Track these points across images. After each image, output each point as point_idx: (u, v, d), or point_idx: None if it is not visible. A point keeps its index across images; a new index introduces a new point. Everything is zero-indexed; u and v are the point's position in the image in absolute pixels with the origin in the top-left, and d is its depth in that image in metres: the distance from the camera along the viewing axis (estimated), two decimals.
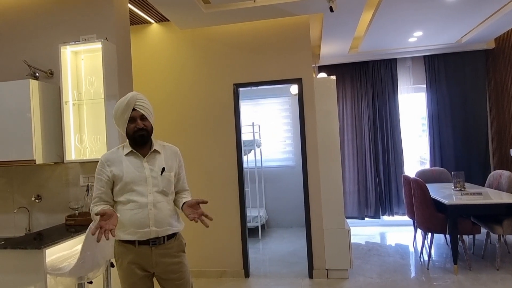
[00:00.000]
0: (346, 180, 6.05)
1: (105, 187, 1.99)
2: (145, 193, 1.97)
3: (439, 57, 5.85)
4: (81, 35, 3.16)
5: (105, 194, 2.00)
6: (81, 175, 3.14)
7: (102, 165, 2.01)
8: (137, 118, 1.99)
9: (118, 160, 2.01)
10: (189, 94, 4.39)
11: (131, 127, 1.99)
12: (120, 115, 1.99)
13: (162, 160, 2.07)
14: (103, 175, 1.99)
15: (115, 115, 2.03)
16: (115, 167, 1.99)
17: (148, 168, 2.01)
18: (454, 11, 4.21)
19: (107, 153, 2.07)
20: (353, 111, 6.09)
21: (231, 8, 3.77)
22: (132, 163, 2.01)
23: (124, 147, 2.06)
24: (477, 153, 5.74)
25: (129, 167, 1.99)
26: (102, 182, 1.99)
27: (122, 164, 2.00)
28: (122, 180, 1.96)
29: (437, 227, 4.07)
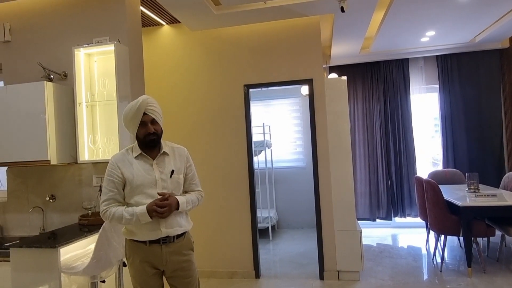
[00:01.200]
0: (358, 181, 6.00)
1: (118, 188, 2.01)
2: (154, 195, 1.99)
3: (452, 57, 5.77)
4: (94, 38, 3.20)
5: (119, 195, 2.02)
6: (94, 175, 3.18)
7: (113, 167, 2.02)
8: (148, 122, 2.02)
9: (128, 162, 2.03)
10: (199, 95, 4.41)
11: (142, 132, 2.01)
12: (130, 119, 2.01)
13: (171, 162, 2.09)
14: (114, 176, 2.00)
15: (125, 118, 2.04)
16: (126, 170, 2.01)
17: (158, 171, 2.03)
18: (468, 10, 4.15)
19: (116, 155, 2.08)
20: (364, 111, 6.04)
21: (241, 9, 3.78)
22: (142, 166, 2.03)
23: (133, 150, 2.08)
24: (491, 154, 5.64)
25: (139, 170, 2.01)
26: (114, 184, 2.00)
27: (132, 167, 2.01)
28: (132, 183, 1.99)
29: (451, 229, 4.01)
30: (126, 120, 2.04)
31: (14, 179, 3.34)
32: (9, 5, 3.40)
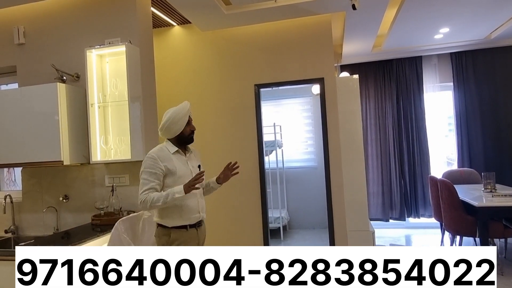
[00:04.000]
0: (370, 181, 5.93)
1: (159, 179, 2.27)
2: None
3: (467, 54, 5.65)
4: (105, 39, 3.22)
5: (159, 186, 2.27)
6: (106, 175, 3.21)
7: (155, 161, 2.27)
8: (191, 122, 2.44)
9: (168, 157, 2.32)
10: (210, 95, 4.41)
11: (187, 129, 2.39)
12: (179, 119, 2.34)
13: (195, 159, 2.49)
14: (157, 169, 2.25)
15: (173, 119, 2.33)
16: (167, 163, 2.29)
17: (190, 165, 2.40)
18: (483, 5, 4.06)
19: (155, 151, 2.33)
20: (376, 110, 5.97)
21: (252, 8, 3.77)
22: (179, 160, 2.36)
23: (168, 147, 2.37)
24: (508, 153, 5.51)
25: (178, 163, 2.33)
26: (157, 175, 2.25)
27: (172, 160, 2.32)
28: (176, 175, 2.29)
29: (466, 230, 3.93)
30: (175, 120, 2.33)
31: (28, 179, 3.38)
32: (23, 8, 3.45)
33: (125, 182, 3.15)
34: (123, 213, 2.94)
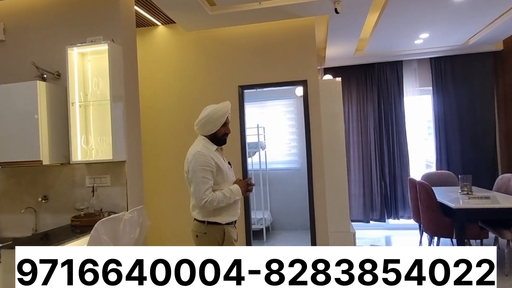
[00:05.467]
0: (352, 182, 6.02)
1: (213, 177, 2.31)
2: (233, 180, 2.46)
3: (446, 59, 5.81)
4: (88, 37, 3.18)
5: (212, 183, 2.31)
6: (87, 176, 3.16)
7: (207, 158, 2.29)
8: (227, 124, 2.46)
9: (214, 154, 2.36)
10: (194, 95, 4.40)
11: (222, 130, 2.42)
12: (216, 119, 2.37)
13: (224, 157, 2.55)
14: (211, 166, 2.29)
15: (211, 117, 2.36)
16: (217, 160, 2.34)
17: (226, 162, 2.47)
18: (462, 12, 4.19)
19: (202, 149, 2.34)
20: (358, 113, 6.06)
21: (236, 10, 3.78)
22: (220, 157, 2.42)
23: (207, 145, 2.39)
24: (484, 157, 5.68)
25: (222, 160, 2.40)
26: (212, 173, 2.29)
27: (218, 158, 2.37)
28: (223, 171, 2.35)
29: (444, 231, 4.03)
30: (212, 118, 2.36)
31: (7, 179, 3.30)
32: (4, 4, 3.37)
33: (106, 183, 3.11)
34: (103, 214, 2.90)
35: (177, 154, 4.42)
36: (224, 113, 2.39)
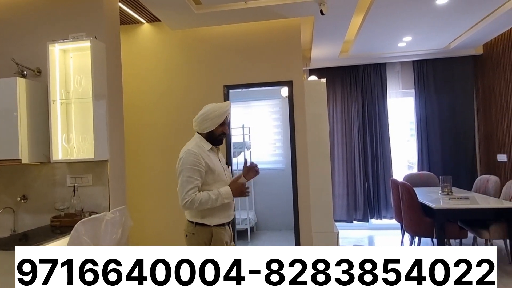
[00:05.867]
0: (336, 183, 6.07)
1: (202, 177, 2.24)
2: (226, 181, 2.37)
3: (428, 62, 5.92)
4: (70, 33, 3.11)
5: (200, 183, 2.24)
6: (68, 175, 3.09)
7: (197, 157, 2.23)
8: (226, 124, 2.38)
9: (206, 154, 2.30)
10: (179, 94, 4.37)
11: (219, 130, 2.35)
12: (214, 117, 2.30)
13: (222, 157, 2.49)
14: (200, 166, 2.22)
15: (209, 115, 2.30)
16: (207, 160, 2.27)
17: (222, 162, 2.42)
18: (443, 16, 4.27)
19: (194, 147, 2.29)
20: (343, 114, 6.12)
21: (222, 9, 3.77)
22: (214, 157, 2.36)
23: (202, 143, 2.34)
24: (464, 158, 5.81)
25: (215, 160, 2.34)
26: (200, 173, 2.22)
27: (210, 157, 2.31)
28: (215, 172, 2.28)
29: (425, 231, 4.10)
30: (209, 116, 2.30)
31: None
32: None
33: (88, 182, 3.05)
34: (84, 215, 2.85)
35: (161, 153, 4.38)
36: (223, 112, 2.33)
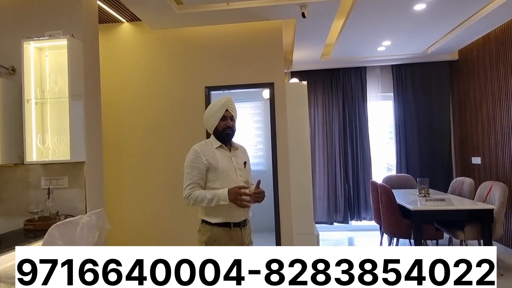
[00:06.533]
0: (316, 185, 6.11)
1: (201, 174, 2.26)
2: (236, 181, 2.31)
3: (406, 67, 6.04)
4: (46, 31, 3.02)
5: (201, 180, 2.27)
6: (43, 177, 3.00)
7: (198, 155, 2.27)
8: (228, 117, 2.33)
9: (211, 151, 2.31)
10: (159, 95, 4.31)
11: (222, 124, 2.32)
12: (214, 112, 2.31)
13: (241, 156, 2.45)
14: (200, 163, 2.25)
15: (209, 112, 2.34)
16: (210, 157, 2.28)
17: (235, 161, 2.37)
18: (421, 22, 4.37)
19: (198, 145, 2.33)
20: (324, 117, 6.17)
21: (203, 9, 3.75)
22: (223, 155, 2.34)
23: (212, 142, 2.36)
24: (440, 160, 5.95)
25: (222, 158, 2.32)
26: (199, 170, 2.25)
27: (215, 155, 2.30)
28: (218, 169, 2.27)
29: (402, 233, 4.16)
30: (210, 113, 2.33)
31: None
32: None
33: (64, 185, 2.97)
34: (60, 218, 2.76)
35: (140, 154, 4.30)
36: (221, 106, 2.31)
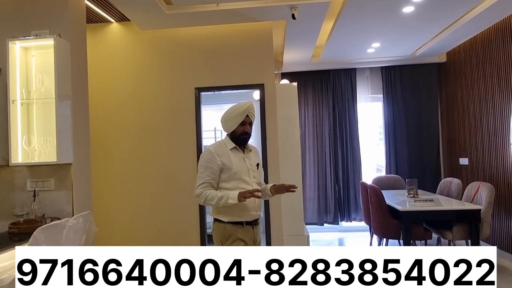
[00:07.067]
0: (307, 186, 6.12)
1: (214, 174, 2.32)
2: (249, 182, 2.38)
3: (396, 69, 6.09)
4: (32, 30, 2.97)
5: (214, 181, 2.33)
6: (29, 179, 2.94)
7: (212, 155, 2.32)
8: (247, 123, 2.39)
9: (226, 152, 2.36)
10: (149, 96, 4.27)
11: (240, 129, 2.37)
12: (234, 116, 2.36)
13: (254, 157, 2.50)
14: (214, 164, 2.31)
15: (229, 115, 2.38)
16: (224, 158, 2.33)
17: (248, 163, 2.42)
18: (409, 25, 4.41)
19: (213, 146, 2.40)
20: (314, 118, 6.19)
21: (193, 10, 3.72)
22: (237, 156, 2.39)
23: (226, 143, 2.41)
24: (429, 161, 6.01)
25: (235, 159, 2.37)
26: (212, 170, 2.31)
27: (229, 156, 2.35)
28: (232, 170, 2.32)
29: (392, 233, 4.19)
30: (230, 116, 2.37)
31: None
32: None
33: (50, 187, 2.91)
34: (46, 221, 2.71)
35: (130, 156, 4.26)
36: (242, 112, 2.35)
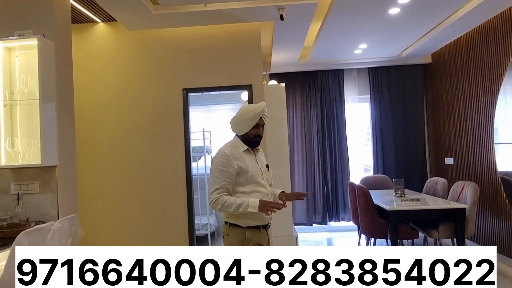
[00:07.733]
0: (295, 187, 6.13)
1: (231, 179, 2.24)
2: (264, 184, 2.35)
3: (382, 70, 6.16)
4: (15, 30, 2.91)
5: (230, 185, 2.25)
6: (12, 182, 2.88)
7: (229, 159, 2.24)
8: (260, 125, 2.34)
9: (240, 155, 2.29)
10: (136, 97, 4.23)
11: (253, 132, 2.32)
12: (248, 119, 2.29)
13: (263, 158, 2.47)
14: (230, 167, 2.23)
15: (242, 117, 2.31)
16: (240, 161, 2.26)
17: (260, 164, 2.38)
18: (395, 26, 4.46)
19: (228, 148, 2.30)
20: (302, 119, 6.21)
21: (181, 10, 3.70)
22: (250, 158, 2.34)
23: (239, 145, 2.34)
24: (415, 161, 6.09)
25: (250, 161, 2.32)
26: (228, 174, 2.23)
27: (244, 159, 2.29)
28: (248, 173, 2.27)
29: (379, 233, 4.23)
30: (242, 118, 2.30)
31: None
32: None
33: (35, 190, 2.86)
34: (30, 225, 2.66)
35: (116, 157, 4.21)
36: (256, 114, 2.30)
